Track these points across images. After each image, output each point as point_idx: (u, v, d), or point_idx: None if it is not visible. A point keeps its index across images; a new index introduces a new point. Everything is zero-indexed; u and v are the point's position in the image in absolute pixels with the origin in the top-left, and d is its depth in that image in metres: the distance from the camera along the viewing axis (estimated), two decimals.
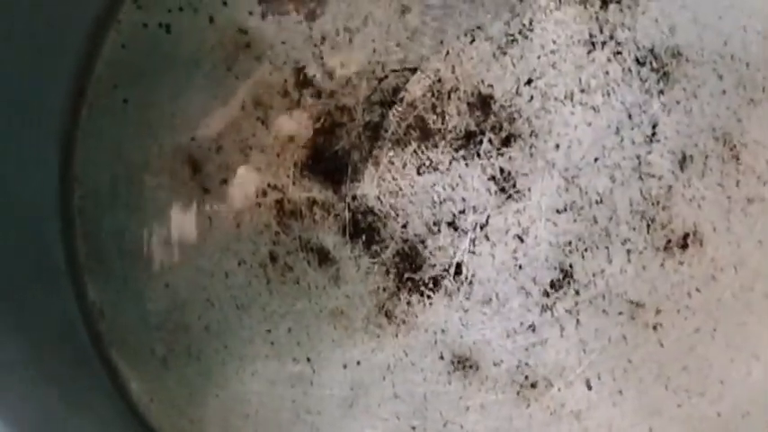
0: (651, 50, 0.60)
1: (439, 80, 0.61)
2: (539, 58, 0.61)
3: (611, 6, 0.60)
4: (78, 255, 0.63)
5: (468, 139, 0.61)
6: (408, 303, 0.60)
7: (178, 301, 0.62)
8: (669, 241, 0.59)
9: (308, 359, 0.60)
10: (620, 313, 0.59)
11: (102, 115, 0.63)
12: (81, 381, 0.60)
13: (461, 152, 0.61)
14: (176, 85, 0.62)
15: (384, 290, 0.60)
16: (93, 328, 0.62)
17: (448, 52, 0.61)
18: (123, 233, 0.63)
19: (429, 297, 0.60)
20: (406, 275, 0.60)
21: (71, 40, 0.63)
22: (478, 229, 0.60)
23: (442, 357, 0.60)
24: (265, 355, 0.61)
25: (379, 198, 0.61)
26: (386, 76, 0.62)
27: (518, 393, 0.59)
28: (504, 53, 0.61)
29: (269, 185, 0.62)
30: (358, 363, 0.60)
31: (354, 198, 0.61)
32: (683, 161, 0.59)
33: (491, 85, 0.61)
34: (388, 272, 0.60)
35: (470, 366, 0.59)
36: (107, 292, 0.62)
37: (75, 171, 0.63)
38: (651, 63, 0.60)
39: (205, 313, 0.62)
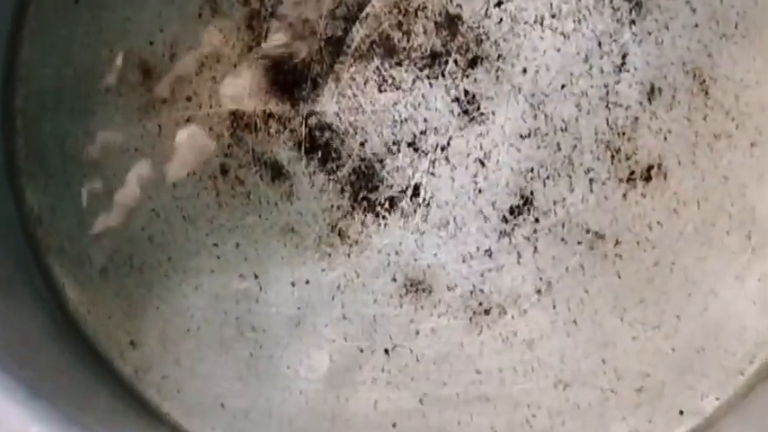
0: None
1: None
2: None
3: None
4: (17, 157, 0.60)
5: (434, 59, 0.59)
6: (362, 223, 0.58)
7: (121, 210, 0.59)
8: (633, 173, 0.57)
9: (256, 275, 0.58)
10: (579, 243, 0.57)
11: (50, 14, 0.61)
12: (15, 286, 0.57)
13: (426, 72, 0.59)
14: None
15: (338, 208, 0.58)
16: (30, 233, 0.59)
17: None
18: (66, 137, 0.60)
19: (384, 218, 0.58)
20: (362, 195, 0.58)
21: None
22: (439, 150, 0.58)
23: (394, 279, 0.58)
24: (211, 270, 0.58)
25: (337, 114, 0.59)
26: None
27: (470, 319, 0.57)
28: None
29: (223, 96, 0.59)
30: (307, 281, 0.58)
31: (312, 113, 0.59)
32: (652, 93, 0.58)
33: (459, 5, 0.59)
34: (343, 190, 0.58)
35: (423, 290, 0.58)
36: (46, 197, 0.60)
37: (19, 71, 0.60)
38: None
39: (149, 224, 0.59)
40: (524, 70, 0.58)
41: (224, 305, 0.58)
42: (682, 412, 0.57)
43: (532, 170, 0.58)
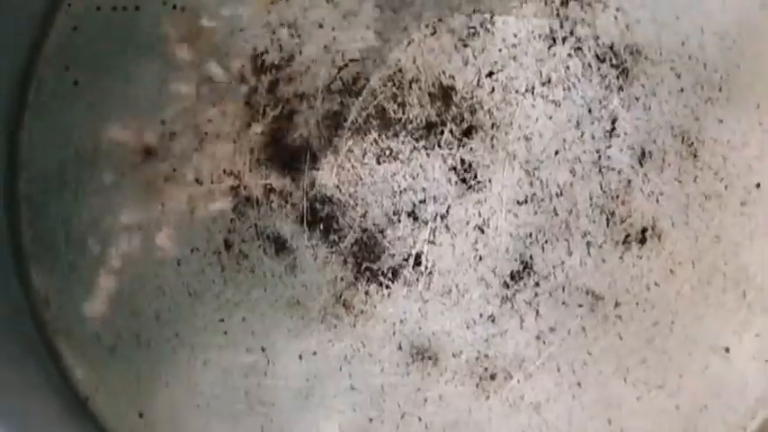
0: (611, 47, 0.61)
1: (400, 70, 0.61)
2: (500, 51, 0.61)
3: (572, 3, 0.61)
4: (23, 241, 0.61)
5: (429, 130, 0.60)
6: (366, 293, 0.59)
7: (128, 289, 0.59)
8: (628, 235, 0.59)
9: (263, 349, 0.59)
10: (580, 305, 0.58)
11: (50, 97, 0.62)
12: (25, 369, 0.57)
13: (422, 142, 0.60)
14: (130, 69, 0.61)
15: (342, 279, 0.59)
16: (38, 317, 0.60)
17: (409, 43, 0.61)
18: (71, 219, 0.60)
19: (388, 287, 0.59)
20: (365, 265, 0.59)
21: (20, 21, 0.61)
22: (439, 219, 0.59)
23: (400, 348, 0.59)
24: (218, 345, 0.59)
25: (337, 187, 0.60)
26: (346, 65, 0.61)
27: (477, 385, 0.58)
28: (466, 45, 0.61)
29: (224, 172, 0.60)
30: (314, 353, 0.59)
31: (313, 186, 0.60)
32: (642, 156, 0.59)
33: (452, 76, 0.61)
34: (346, 261, 0.59)
35: (429, 357, 0.58)
36: (53, 280, 0.60)
37: (21, 155, 0.61)
38: (611, 59, 0.61)
39: (156, 301, 0.60)
40: (518, 138, 0.60)
41: (233, 380, 0.59)
42: None
43: (531, 235, 0.59)
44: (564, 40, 0.61)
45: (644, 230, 0.59)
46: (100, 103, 0.61)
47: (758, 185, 0.59)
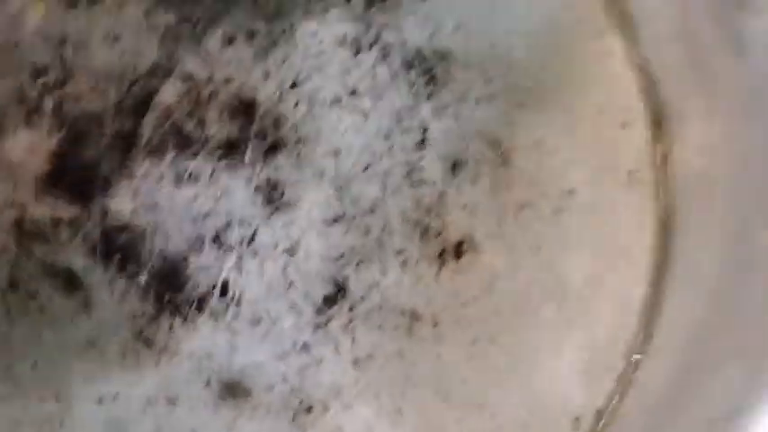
0: (419, 52, 0.58)
1: (195, 84, 0.56)
2: (303, 60, 0.57)
3: (376, 6, 0.58)
4: None
5: (231, 148, 0.56)
6: (170, 328, 0.55)
7: None
8: (443, 250, 0.56)
9: (57, 397, 0.54)
10: (397, 327, 0.56)
11: None
12: None
13: (224, 162, 0.56)
14: None
15: (142, 315, 0.55)
16: None
17: (205, 54, 0.56)
18: None
19: (193, 320, 0.55)
20: (167, 297, 0.55)
21: None
22: (245, 244, 0.55)
23: (208, 385, 0.55)
24: (7, 394, 0.53)
25: (134, 213, 0.55)
26: (137, 80, 0.56)
27: (293, 419, 0.55)
28: (266, 56, 0.57)
29: (5, 203, 0.54)
30: (114, 398, 0.54)
31: (106, 214, 0.55)
32: (455, 167, 0.57)
33: (254, 90, 0.56)
34: (146, 294, 0.55)
35: (241, 393, 0.55)
36: None
37: None
38: (419, 66, 0.58)
39: None
40: (326, 153, 0.57)
41: None
42: None
43: (343, 256, 0.56)
44: (371, 46, 0.58)
45: (460, 244, 0.57)
46: None
47: (571, 192, 0.57)
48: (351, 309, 0.56)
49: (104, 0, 0.57)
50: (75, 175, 0.56)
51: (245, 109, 0.57)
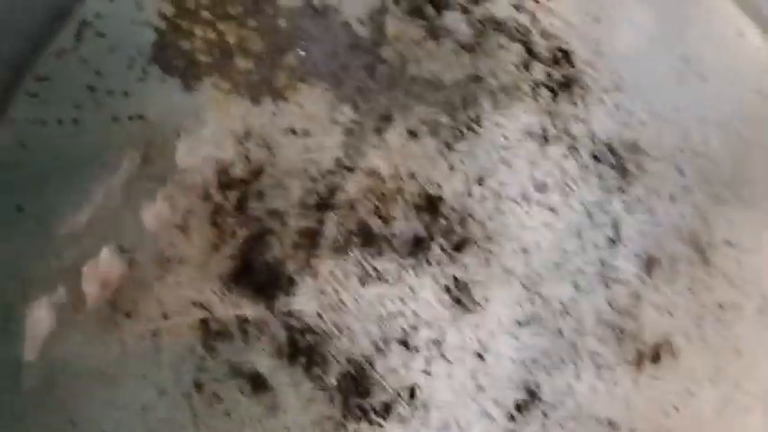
0: (608, 145, 0.56)
1: (381, 180, 0.55)
2: (488, 153, 0.55)
3: (563, 98, 0.56)
4: None
5: (417, 246, 0.54)
6: None
7: None
8: (641, 354, 0.54)
9: None
10: None
11: None
12: None
13: (410, 260, 0.54)
14: (81, 190, 0.54)
15: (329, 419, 0.53)
16: None
17: (389, 149, 0.55)
18: (19, 365, 0.53)
19: (380, 425, 0.53)
20: (354, 401, 0.53)
21: None
22: (433, 346, 0.54)
23: None
24: None
25: (319, 314, 0.54)
26: (321, 176, 0.55)
27: None
28: (451, 149, 0.55)
29: (191, 302, 0.54)
30: None
31: (291, 314, 0.54)
32: (650, 265, 0.54)
33: (439, 185, 0.55)
34: (332, 398, 0.53)
35: None
36: None
37: None
38: (609, 158, 0.56)
39: None
40: (515, 251, 0.54)
41: None
42: None
43: (535, 360, 0.54)
44: (557, 138, 0.56)
45: (657, 347, 0.54)
46: (47, 231, 0.54)
47: None
48: (544, 415, 0.54)
49: (287, 96, 0.56)
50: (260, 274, 0.54)
51: (430, 204, 0.55)
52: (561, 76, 0.57)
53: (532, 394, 0.53)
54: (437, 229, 0.55)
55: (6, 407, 0.53)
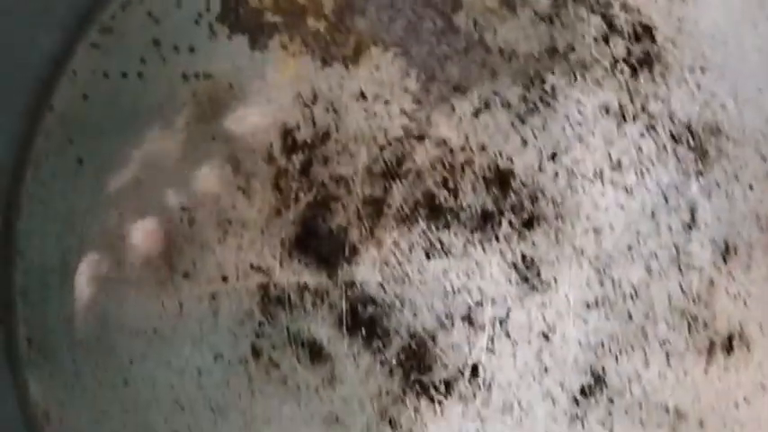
0: (687, 126, 0.54)
1: (450, 151, 0.53)
2: (563, 129, 0.53)
3: (643, 75, 0.54)
4: (19, 345, 0.53)
5: (485, 220, 0.53)
6: (416, 410, 0.52)
7: (140, 403, 0.52)
8: (713, 343, 0.52)
9: None
10: (660, 425, 0.51)
11: (51, 177, 0.53)
12: None
13: (477, 235, 0.53)
14: (142, 145, 0.53)
15: (387, 393, 0.52)
16: None
17: (460, 119, 0.53)
18: (74, 319, 0.52)
19: (440, 403, 0.52)
20: (414, 377, 0.52)
21: (17, 88, 0.53)
22: (498, 324, 0.52)
23: None
24: None
25: (381, 285, 0.52)
26: (389, 144, 0.53)
27: None
28: (524, 122, 0.53)
29: (251, 266, 0.52)
30: None
31: (352, 284, 0.52)
32: (726, 252, 0.52)
33: (510, 159, 0.53)
34: (392, 372, 0.52)
35: None
36: (54, 391, 0.52)
37: (17, 243, 0.53)
38: (688, 140, 0.53)
39: (173, 417, 0.52)
40: (586, 230, 0.53)
41: None
42: None
43: (603, 344, 0.52)
44: (635, 117, 0.54)
45: (730, 338, 0.52)
46: (107, 185, 0.53)
47: None
48: (610, 401, 0.52)
49: (358, 60, 0.54)
50: (323, 242, 0.53)
51: (500, 179, 0.53)
52: (642, 53, 0.55)
53: (598, 379, 0.52)
54: (506, 205, 0.53)
55: (63, 361, 0.51)
